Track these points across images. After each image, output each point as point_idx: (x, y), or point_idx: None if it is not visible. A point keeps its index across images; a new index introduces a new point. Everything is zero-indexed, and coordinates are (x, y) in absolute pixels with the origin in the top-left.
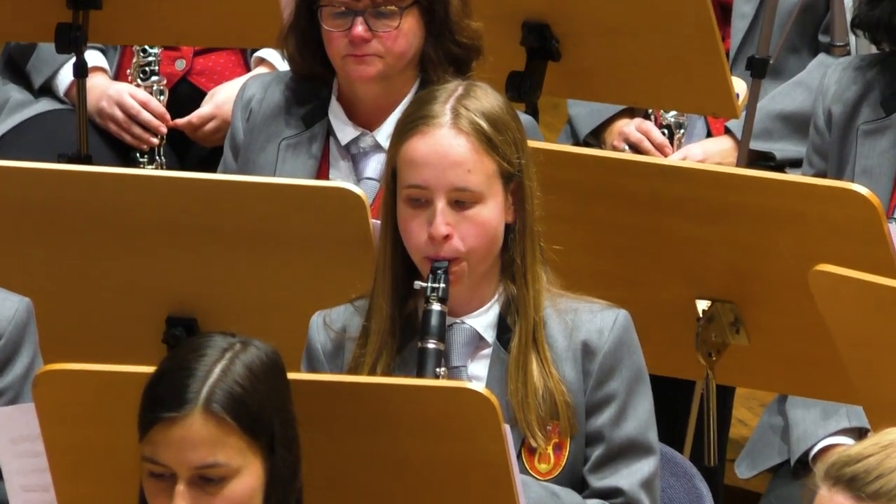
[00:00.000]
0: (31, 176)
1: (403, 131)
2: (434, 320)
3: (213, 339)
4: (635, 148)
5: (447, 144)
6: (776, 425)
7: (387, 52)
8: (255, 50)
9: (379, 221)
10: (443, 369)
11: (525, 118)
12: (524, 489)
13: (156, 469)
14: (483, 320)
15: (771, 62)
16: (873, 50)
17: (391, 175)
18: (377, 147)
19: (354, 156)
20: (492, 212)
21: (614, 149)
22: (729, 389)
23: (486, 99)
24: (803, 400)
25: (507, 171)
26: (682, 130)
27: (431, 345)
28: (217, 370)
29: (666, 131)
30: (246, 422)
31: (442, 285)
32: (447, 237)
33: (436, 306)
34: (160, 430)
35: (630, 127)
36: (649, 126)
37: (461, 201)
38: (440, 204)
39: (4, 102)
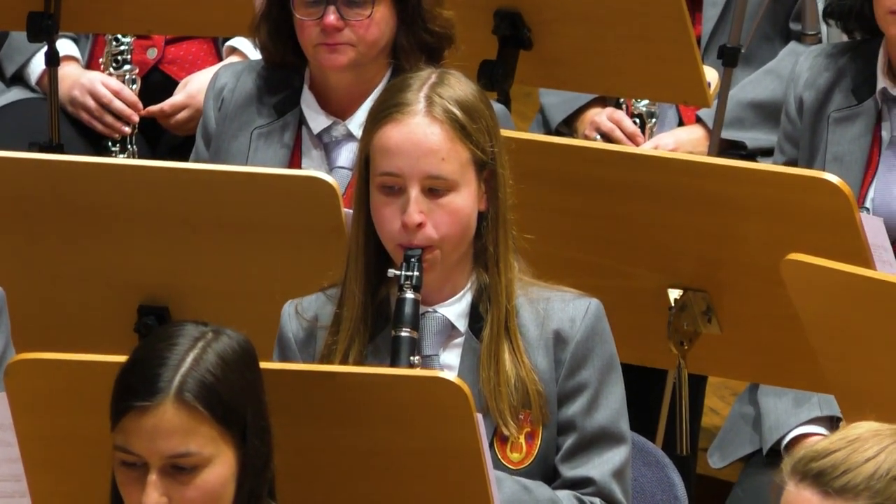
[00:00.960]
0: (2, 165)
1: (377, 119)
2: (408, 308)
3: (185, 327)
4: (607, 137)
5: (421, 133)
6: (748, 414)
7: (359, 40)
8: (226, 39)
9: (351, 211)
10: (417, 358)
11: (497, 107)
12: (497, 485)
13: (128, 458)
14: (455, 309)
15: (742, 51)
16: (844, 39)
17: (364, 163)
18: (349, 136)
19: (327, 144)
20: (465, 200)
21: (586, 138)
22: (701, 378)
23: (460, 87)
24: (775, 389)
25: (481, 159)
26: (653, 119)
27: (405, 333)
28: (189, 359)
29: (637, 120)
30: (218, 411)
31: (415, 273)
32: (420, 225)
33: (409, 294)
34: (132, 419)
35: (601, 116)
36: (621, 115)
37: (435, 189)
38: (414, 192)
39: None
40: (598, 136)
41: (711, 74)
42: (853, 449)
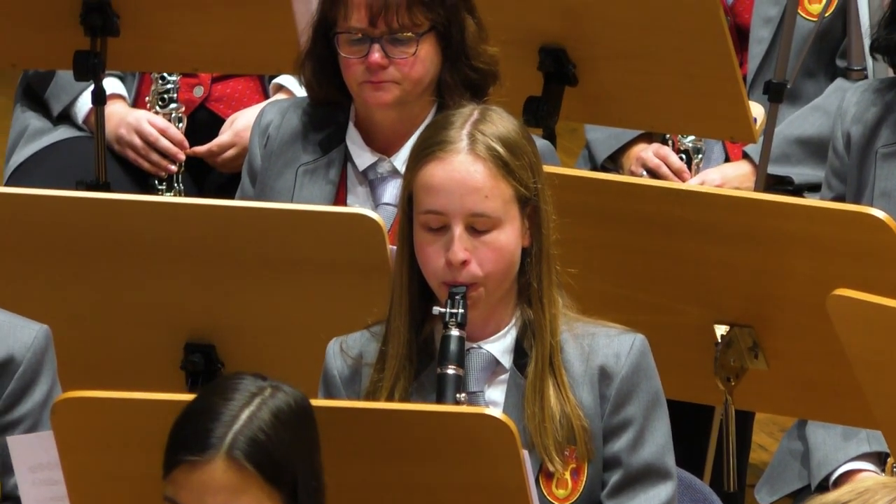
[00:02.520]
0: (49, 203)
1: (420, 157)
2: (453, 346)
3: (243, 381)
4: (653, 173)
5: (464, 170)
6: (796, 450)
7: (404, 78)
8: (273, 76)
9: (396, 247)
10: (463, 395)
11: (542, 143)
12: None
13: None
14: (500, 345)
15: (788, 87)
16: (891, 74)
17: (407, 200)
18: (394, 172)
19: (372, 181)
20: (509, 236)
21: (632, 174)
22: (748, 414)
23: (502, 123)
24: (823, 424)
25: (524, 195)
26: (699, 155)
27: (451, 371)
28: (243, 416)
29: (684, 156)
30: (268, 470)
31: (460, 311)
32: (465, 262)
33: (454, 332)
34: (182, 472)
35: (647, 152)
36: (667, 151)
37: (478, 227)
38: (458, 230)
39: (23, 130)
40: (645, 173)
41: (757, 110)
42: (863, 500)
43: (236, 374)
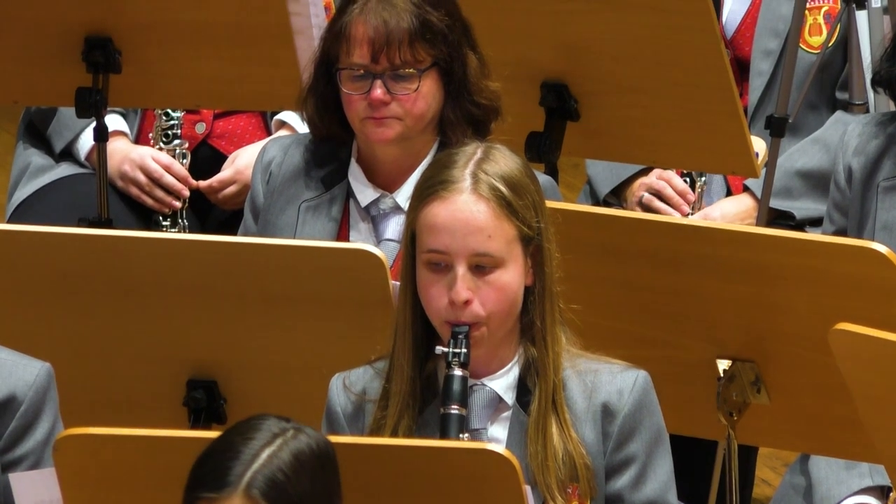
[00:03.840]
0: (52, 240)
1: (422, 196)
2: (456, 385)
3: (265, 422)
4: (658, 194)
5: (468, 210)
6: (799, 485)
7: (406, 114)
8: (275, 112)
9: (398, 283)
10: (466, 435)
11: (544, 178)
12: None
13: None
14: (502, 382)
15: (790, 120)
16: (892, 107)
17: (410, 239)
18: (397, 209)
19: (374, 217)
20: (512, 276)
21: (635, 207)
22: (752, 449)
23: (505, 162)
24: (826, 459)
25: (527, 235)
26: (703, 178)
27: (454, 410)
28: (263, 455)
29: (687, 179)
30: None
31: (463, 350)
32: (467, 302)
33: (457, 371)
34: None
35: (651, 177)
36: (671, 174)
37: (481, 266)
38: (460, 269)
39: (25, 167)
40: (646, 195)
41: (759, 144)
42: None
43: (260, 415)
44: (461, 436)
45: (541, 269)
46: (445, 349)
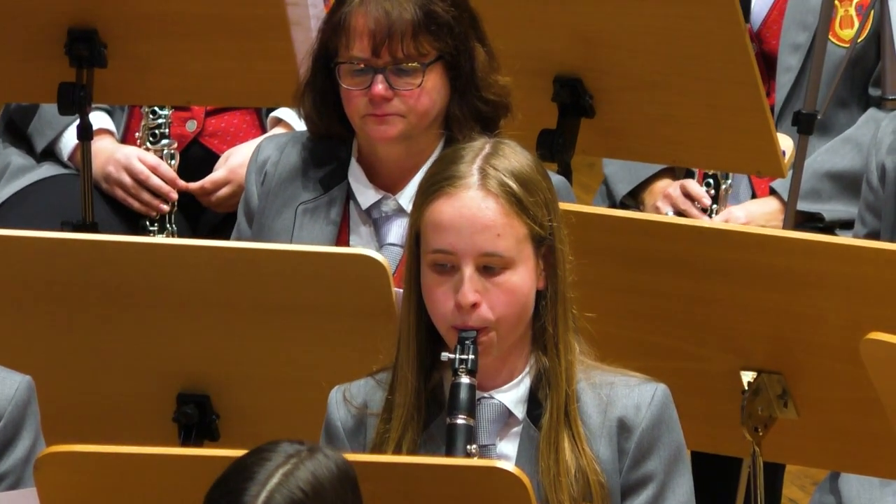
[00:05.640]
0: (33, 245)
1: (427, 193)
2: (463, 394)
3: (279, 445)
4: (683, 215)
5: (475, 207)
6: None
7: (409, 111)
8: (270, 109)
9: (401, 290)
10: (474, 446)
11: (557, 178)
12: None
13: None
14: (513, 395)
15: (818, 117)
16: None
17: (414, 239)
18: (400, 211)
19: (376, 220)
20: (522, 278)
21: (655, 210)
22: (778, 467)
23: (515, 157)
24: (858, 477)
25: (538, 234)
26: (728, 181)
27: (461, 421)
28: (278, 474)
29: (711, 181)
30: None
31: (470, 356)
32: (475, 305)
33: (464, 379)
34: None
35: (675, 190)
36: (691, 185)
37: (490, 267)
38: (468, 270)
39: (5, 167)
40: (671, 212)
41: (786, 143)
42: None
43: (272, 441)
44: (469, 448)
45: (553, 271)
46: (451, 355)
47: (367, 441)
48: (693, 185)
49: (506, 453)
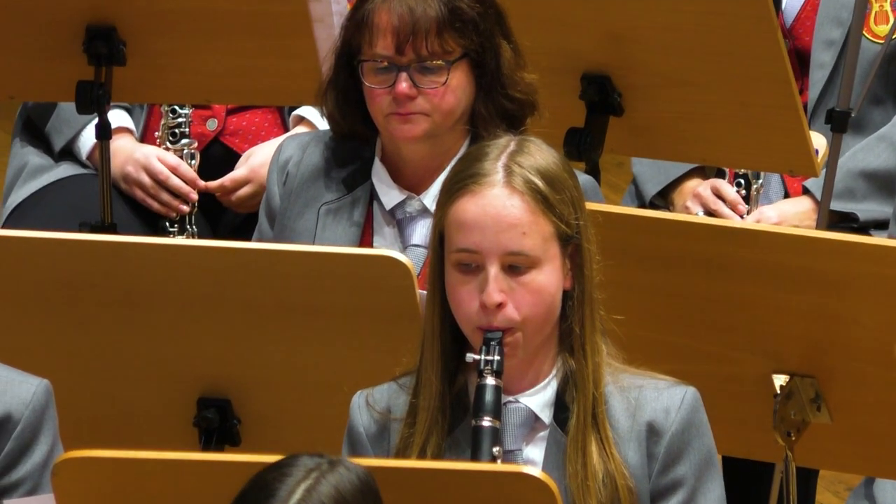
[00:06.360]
0: (51, 246)
1: (451, 191)
2: (489, 396)
3: (299, 458)
4: (713, 215)
5: (500, 205)
6: None
7: (433, 109)
8: (292, 108)
9: (426, 292)
10: (498, 449)
11: (584, 178)
12: None
13: None
14: (539, 399)
15: (852, 115)
16: None
17: (438, 239)
18: (424, 211)
19: (400, 221)
20: (548, 277)
21: (685, 211)
22: (811, 472)
23: (541, 155)
24: (893, 483)
25: (565, 233)
26: (759, 181)
27: (486, 423)
28: (300, 490)
29: (742, 181)
30: None
31: (496, 358)
32: (500, 305)
33: (490, 381)
34: None
35: (706, 190)
36: (721, 185)
37: (515, 266)
38: (493, 269)
39: (22, 167)
40: (701, 212)
41: (819, 141)
42: None
43: (291, 455)
44: (494, 451)
45: (580, 271)
46: (477, 357)
47: (390, 446)
48: (726, 187)
49: (532, 458)
